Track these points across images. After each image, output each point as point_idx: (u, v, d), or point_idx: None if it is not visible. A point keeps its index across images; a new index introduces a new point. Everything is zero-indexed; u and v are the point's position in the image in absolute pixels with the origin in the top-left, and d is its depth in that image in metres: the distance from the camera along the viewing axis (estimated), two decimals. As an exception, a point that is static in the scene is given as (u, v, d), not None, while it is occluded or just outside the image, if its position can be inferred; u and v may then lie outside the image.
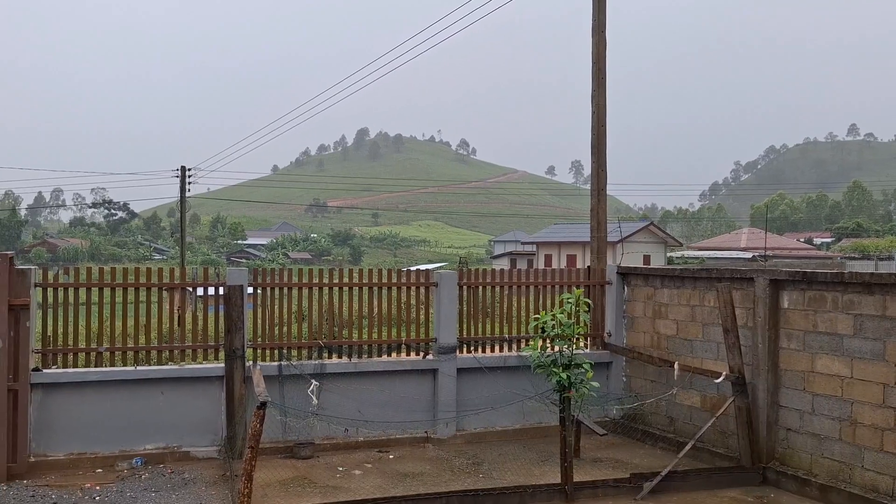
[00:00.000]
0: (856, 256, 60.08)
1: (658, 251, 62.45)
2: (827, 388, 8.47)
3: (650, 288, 11.32)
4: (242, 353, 9.62)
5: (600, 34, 12.56)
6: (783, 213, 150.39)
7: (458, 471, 9.40)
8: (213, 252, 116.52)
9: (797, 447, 8.82)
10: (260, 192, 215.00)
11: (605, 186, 12.76)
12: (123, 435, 9.42)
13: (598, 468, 9.55)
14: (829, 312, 8.47)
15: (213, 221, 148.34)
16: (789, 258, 53.55)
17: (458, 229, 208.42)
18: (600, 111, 12.61)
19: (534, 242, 71.08)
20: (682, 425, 10.53)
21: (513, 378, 10.86)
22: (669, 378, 10.36)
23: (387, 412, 10.34)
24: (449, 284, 10.87)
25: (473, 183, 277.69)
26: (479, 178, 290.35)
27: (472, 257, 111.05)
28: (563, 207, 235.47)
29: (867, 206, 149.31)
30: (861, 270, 11.36)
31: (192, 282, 10.19)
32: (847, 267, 32.84)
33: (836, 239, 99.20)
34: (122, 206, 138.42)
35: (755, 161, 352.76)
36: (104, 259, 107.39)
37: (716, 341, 9.99)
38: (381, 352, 10.75)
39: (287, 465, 9.44)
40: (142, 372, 9.53)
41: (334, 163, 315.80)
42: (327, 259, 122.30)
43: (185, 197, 40.18)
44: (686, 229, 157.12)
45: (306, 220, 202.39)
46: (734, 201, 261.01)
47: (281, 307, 10.31)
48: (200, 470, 9.19)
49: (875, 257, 48.23)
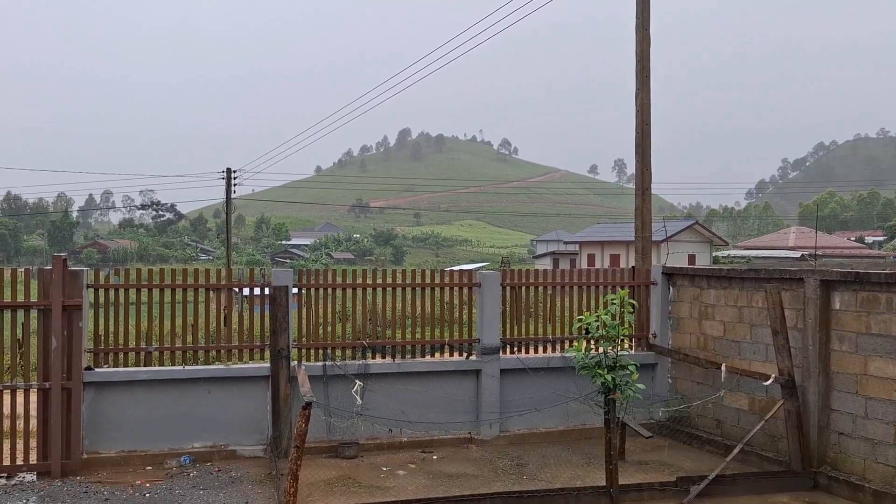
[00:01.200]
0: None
1: (703, 251, 61.44)
2: (881, 392, 8.24)
3: (696, 288, 11.14)
4: (288, 353, 9.73)
5: (644, 32, 12.41)
6: (833, 211, 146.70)
7: (502, 472, 9.37)
8: (258, 252, 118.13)
9: (850, 452, 8.59)
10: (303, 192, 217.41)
11: (649, 185, 12.61)
12: (172, 433, 9.60)
13: (643, 471, 9.44)
14: (884, 314, 8.24)
15: (258, 222, 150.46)
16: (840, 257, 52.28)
17: (500, 229, 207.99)
18: (644, 109, 12.47)
19: (576, 242, 70.52)
20: (730, 428, 10.34)
21: (556, 379, 10.79)
22: (716, 380, 10.19)
23: (430, 412, 10.36)
24: (492, 285, 10.85)
25: (515, 182, 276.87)
26: (521, 178, 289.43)
27: (514, 257, 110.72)
28: (605, 206, 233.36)
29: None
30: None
31: (239, 282, 10.34)
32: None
33: (888, 237, 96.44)
34: (170, 207, 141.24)
35: (804, 158, 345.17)
36: (152, 259, 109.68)
37: (764, 343, 9.79)
38: (425, 352, 10.78)
39: (332, 465, 9.52)
40: (190, 371, 9.70)
41: (376, 163, 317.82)
42: (370, 259, 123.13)
43: (231, 198, 40.78)
44: (732, 228, 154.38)
45: (349, 220, 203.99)
46: (781, 199, 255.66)
47: (325, 307, 10.40)
48: (247, 468, 9.32)
49: (930, 256, 46.78)
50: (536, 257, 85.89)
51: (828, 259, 48.89)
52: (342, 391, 9.94)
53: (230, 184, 40.59)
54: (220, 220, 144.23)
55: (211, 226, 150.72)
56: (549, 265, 70.33)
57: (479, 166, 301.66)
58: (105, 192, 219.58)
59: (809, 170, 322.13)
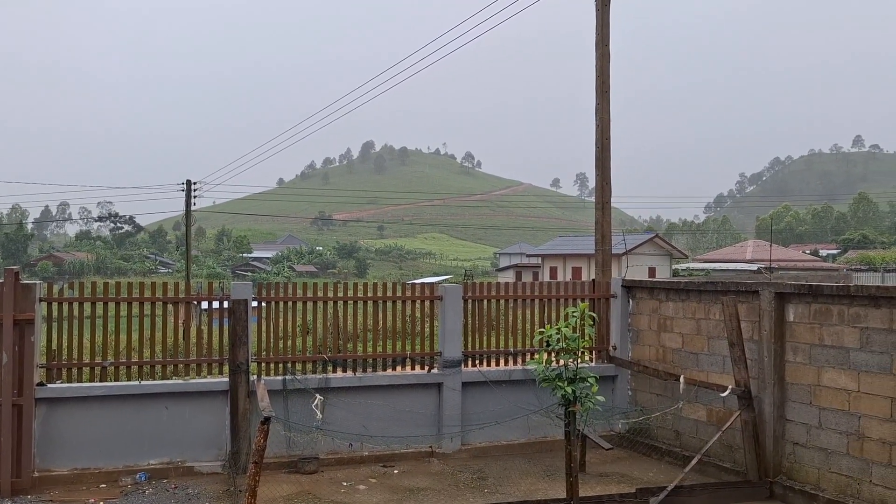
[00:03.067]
0: (862, 268, 59.88)
1: (663, 263, 62.29)
2: (834, 402, 8.42)
3: (655, 301, 11.29)
4: (247, 368, 9.61)
5: (603, 48, 12.60)
6: (789, 224, 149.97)
7: (463, 485, 9.35)
8: (219, 265, 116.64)
9: (804, 461, 8.75)
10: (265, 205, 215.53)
11: (609, 199, 12.76)
12: (127, 450, 9.40)
13: (603, 483, 9.50)
14: (836, 325, 8.43)
15: (219, 234, 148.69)
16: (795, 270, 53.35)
17: (464, 242, 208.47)
18: (604, 124, 12.63)
19: (539, 255, 70.99)
20: (688, 439, 10.46)
21: (518, 392, 10.82)
22: (675, 391, 10.31)
23: (391, 426, 10.31)
24: (454, 298, 10.86)
25: (478, 195, 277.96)
26: (484, 191, 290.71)
27: (477, 270, 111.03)
28: (567, 220, 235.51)
29: (873, 217, 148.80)
30: (868, 282, 11.33)
31: (197, 295, 10.20)
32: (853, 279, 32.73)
33: (842, 250, 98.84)
34: (128, 219, 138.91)
35: (760, 173, 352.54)
36: (110, 272, 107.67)
37: (721, 354, 9.95)
38: (386, 365, 10.73)
39: (291, 480, 9.41)
40: (146, 386, 9.52)
41: (340, 175, 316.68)
42: (332, 272, 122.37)
43: (191, 210, 40.30)
44: (691, 241, 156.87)
45: (312, 232, 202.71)
46: (739, 213, 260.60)
47: (286, 321, 10.30)
48: (204, 485, 9.17)
49: (882, 269, 48.02)
50: (499, 270, 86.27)
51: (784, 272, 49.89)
52: (302, 405, 9.85)
53: (190, 195, 40.12)
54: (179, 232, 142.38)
55: (171, 238, 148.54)
56: (511, 278, 70.67)
57: (442, 179, 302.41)
58: (62, 203, 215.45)
59: (766, 184, 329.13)
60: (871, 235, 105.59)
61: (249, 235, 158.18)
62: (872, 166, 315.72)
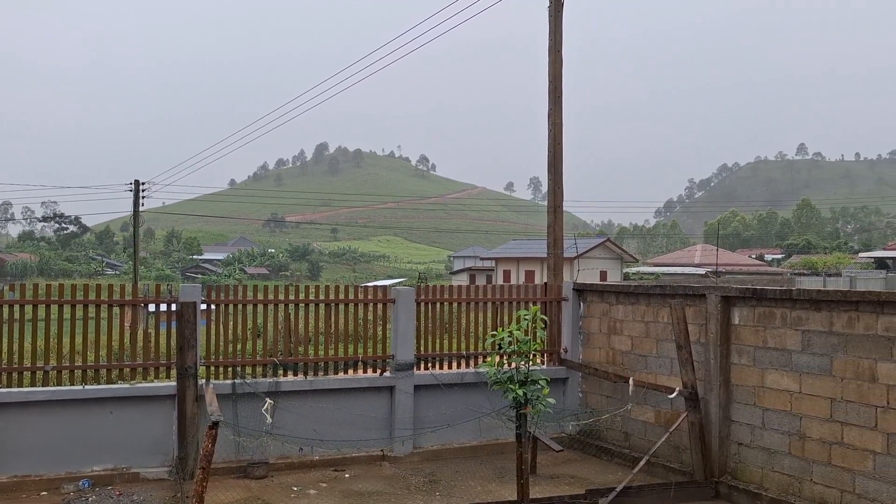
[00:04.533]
0: (805, 272, 61.54)
1: (615, 267, 63.18)
2: (777, 403, 8.63)
3: (605, 304, 11.43)
4: (195, 371, 9.44)
5: (556, 54, 12.72)
6: (735, 229, 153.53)
7: (415, 489, 9.33)
8: (168, 267, 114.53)
9: (748, 461, 8.95)
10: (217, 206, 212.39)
11: (561, 203, 12.88)
12: (70, 456, 9.16)
13: (554, 484, 9.57)
14: (779, 328, 8.64)
15: (169, 236, 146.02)
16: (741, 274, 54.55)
17: (418, 244, 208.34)
18: (557, 129, 12.75)
19: (493, 258, 71.34)
20: (637, 440, 10.62)
21: (470, 394, 10.84)
22: (624, 394, 10.45)
23: (343, 430, 10.23)
24: (406, 301, 10.84)
25: (433, 198, 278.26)
26: (439, 194, 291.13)
27: (431, 273, 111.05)
28: (521, 223, 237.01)
29: (815, 223, 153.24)
30: (810, 286, 11.64)
31: (144, 298, 9.99)
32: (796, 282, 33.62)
33: (786, 255, 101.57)
34: (74, 220, 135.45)
35: (709, 179, 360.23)
36: (54, 274, 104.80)
37: (669, 357, 10.12)
38: (338, 369, 10.66)
39: (240, 486, 9.27)
40: (90, 391, 9.28)
41: (293, 177, 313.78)
42: (285, 274, 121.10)
43: (139, 211, 39.49)
44: (642, 245, 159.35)
45: (264, 234, 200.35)
46: (688, 218, 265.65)
47: (236, 324, 10.16)
48: (150, 491, 8.98)
49: (823, 273, 49.45)
50: (453, 273, 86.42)
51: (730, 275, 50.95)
52: (252, 410, 9.72)
53: (138, 196, 39.31)
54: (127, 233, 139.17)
55: (118, 239, 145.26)
56: (465, 281, 70.81)
57: (396, 182, 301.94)
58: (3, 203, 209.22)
59: (714, 190, 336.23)
60: (813, 241, 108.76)
61: (200, 237, 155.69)
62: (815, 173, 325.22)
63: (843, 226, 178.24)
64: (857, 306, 7.81)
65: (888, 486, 7.43)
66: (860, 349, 7.76)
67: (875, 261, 67.29)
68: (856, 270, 45.79)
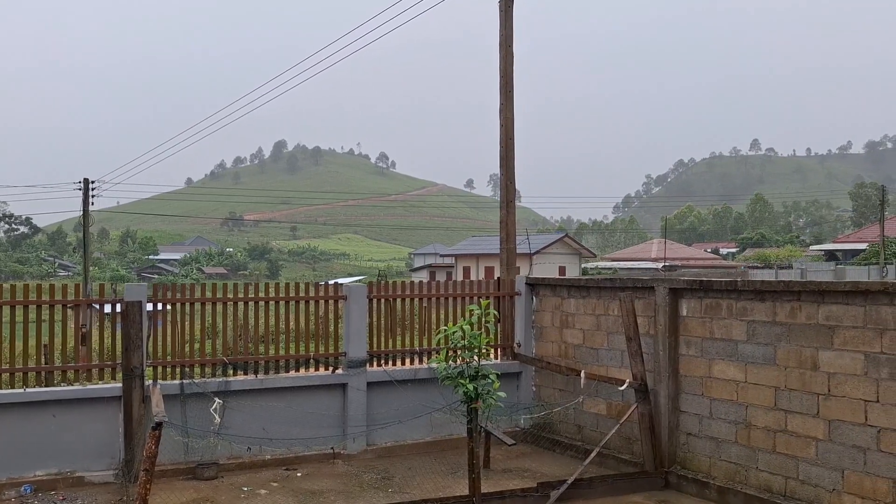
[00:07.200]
0: (758, 265, 62.83)
1: (573, 262, 63.69)
2: (723, 393, 8.76)
3: (557, 298, 11.49)
4: (141, 372, 9.25)
5: (507, 49, 12.73)
6: (691, 224, 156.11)
7: (368, 486, 9.28)
8: (123, 267, 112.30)
9: (697, 451, 9.07)
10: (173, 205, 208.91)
11: (513, 198, 12.91)
12: (11, 462, 8.89)
13: (507, 478, 9.59)
14: (725, 319, 8.77)
15: (123, 236, 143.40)
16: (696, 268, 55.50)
17: (379, 242, 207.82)
18: (508, 124, 12.77)
19: (452, 255, 71.44)
20: (590, 433, 10.69)
21: (423, 391, 10.81)
22: (577, 386, 10.52)
23: (295, 429, 10.12)
24: (358, 297, 10.76)
25: (393, 196, 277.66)
26: (399, 192, 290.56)
27: (391, 270, 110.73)
28: (481, 220, 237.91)
29: (769, 217, 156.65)
30: (763, 279, 11.85)
31: (87, 299, 9.76)
32: (750, 276, 34.24)
33: (740, 249, 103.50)
34: (24, 220, 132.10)
35: (665, 174, 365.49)
36: (4, 276, 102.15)
37: (620, 349, 10.20)
38: (290, 367, 10.54)
39: (189, 487, 9.12)
40: (31, 394, 9.03)
41: (251, 175, 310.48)
42: (243, 274, 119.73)
43: (89, 210, 38.63)
44: (600, 241, 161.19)
45: (222, 234, 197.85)
46: (646, 213, 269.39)
47: (184, 324, 9.98)
48: (95, 495, 8.77)
49: (776, 266, 50.48)
50: (413, 270, 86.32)
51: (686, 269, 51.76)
52: (201, 410, 9.56)
53: (88, 195, 38.45)
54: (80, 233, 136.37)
55: (71, 240, 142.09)
56: (426, 278, 70.76)
57: (356, 180, 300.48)
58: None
59: (671, 185, 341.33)
60: (766, 234, 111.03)
61: (156, 237, 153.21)
62: (769, 168, 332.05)
63: (795, 220, 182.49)
64: (799, 296, 7.96)
65: (830, 471, 7.60)
66: (802, 338, 7.91)
67: (825, 253, 69.02)
68: (807, 263, 46.77)
